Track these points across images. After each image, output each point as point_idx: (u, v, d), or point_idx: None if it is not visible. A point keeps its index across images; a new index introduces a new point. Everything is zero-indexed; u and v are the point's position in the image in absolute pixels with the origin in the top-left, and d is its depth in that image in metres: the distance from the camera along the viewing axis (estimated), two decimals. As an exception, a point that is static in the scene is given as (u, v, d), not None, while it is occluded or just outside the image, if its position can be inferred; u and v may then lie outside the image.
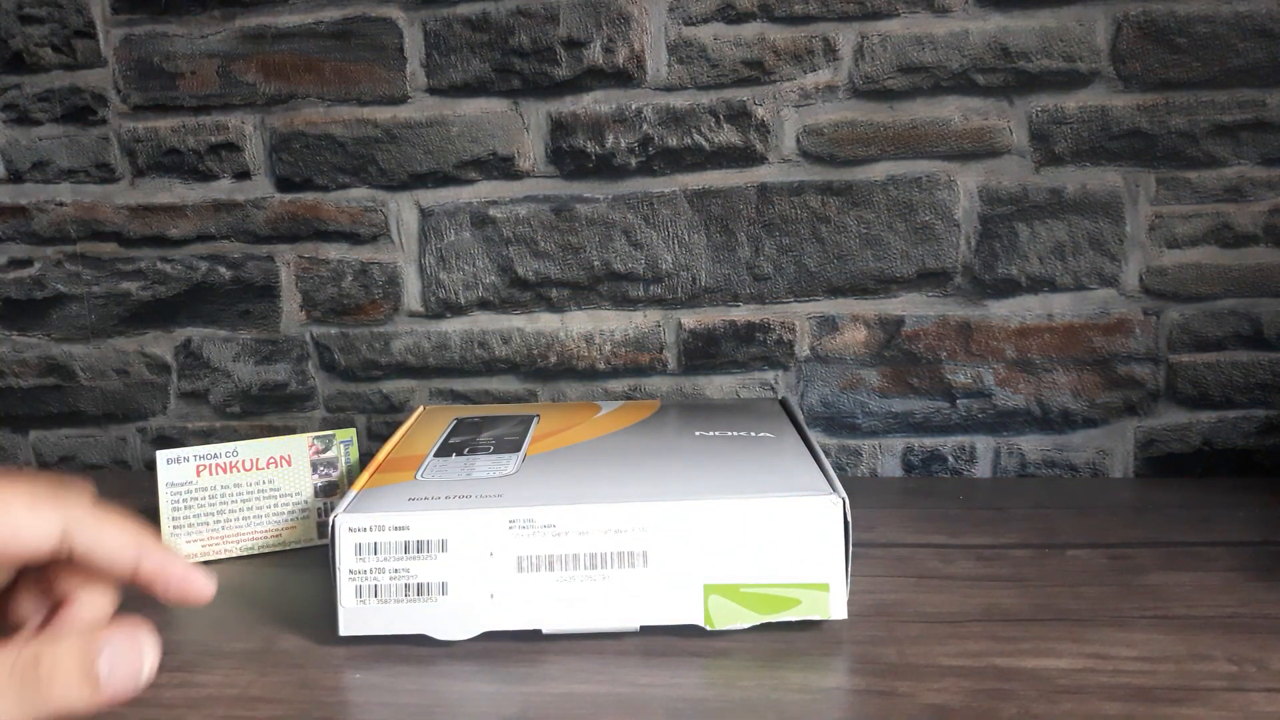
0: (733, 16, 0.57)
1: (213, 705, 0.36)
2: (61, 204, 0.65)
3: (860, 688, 0.36)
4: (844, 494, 0.40)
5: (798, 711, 0.34)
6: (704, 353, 0.62)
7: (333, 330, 0.64)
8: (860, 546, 0.49)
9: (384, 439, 0.65)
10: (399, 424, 0.64)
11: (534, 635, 0.40)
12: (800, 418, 0.52)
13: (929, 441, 0.61)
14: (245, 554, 0.50)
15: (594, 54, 0.59)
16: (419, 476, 0.44)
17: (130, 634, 0.27)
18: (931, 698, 0.35)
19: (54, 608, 0.30)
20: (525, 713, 0.35)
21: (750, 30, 0.57)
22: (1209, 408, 0.59)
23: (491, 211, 0.61)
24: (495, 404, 0.62)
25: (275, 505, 0.50)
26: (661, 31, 0.58)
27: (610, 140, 0.60)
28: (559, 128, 0.60)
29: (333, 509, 0.41)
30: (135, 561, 0.30)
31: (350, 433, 0.52)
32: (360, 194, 0.63)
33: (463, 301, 0.63)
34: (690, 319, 0.61)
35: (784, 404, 0.55)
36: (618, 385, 0.63)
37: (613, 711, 0.35)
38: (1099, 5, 0.55)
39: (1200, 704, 0.34)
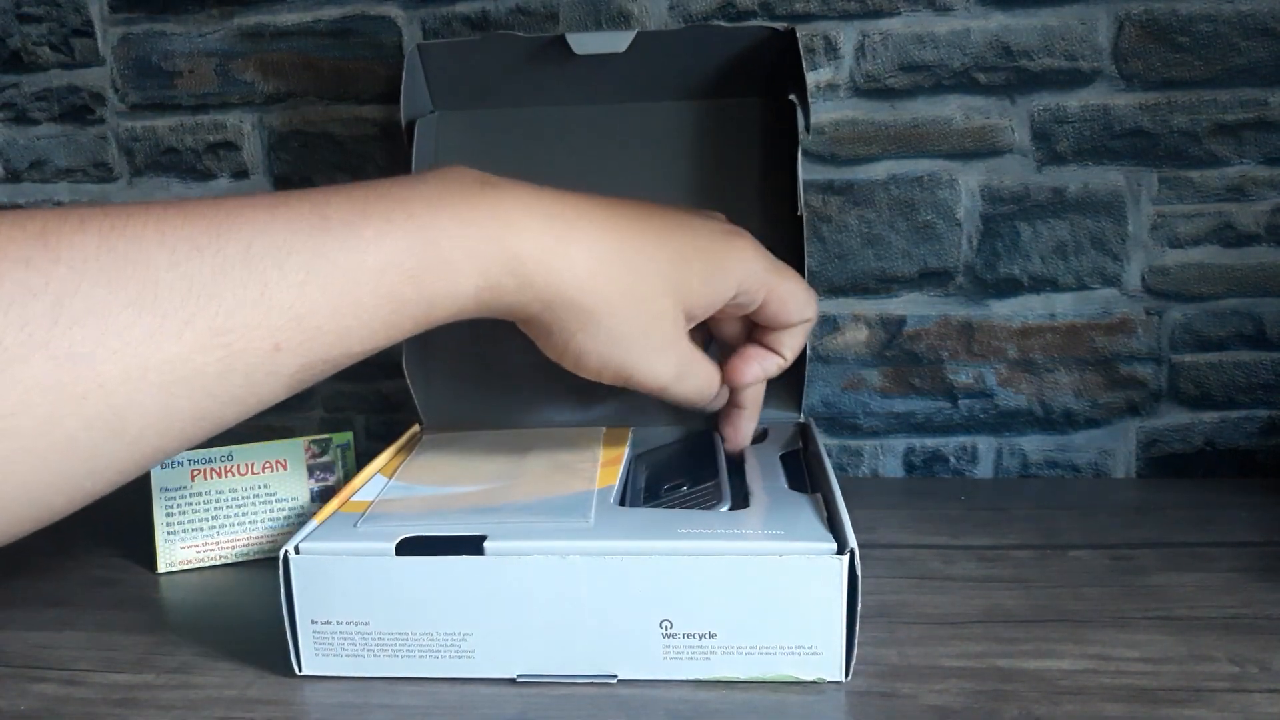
0: (733, 15, 0.57)
1: (211, 707, 0.36)
2: (59, 203, 0.65)
3: (861, 689, 0.36)
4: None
5: (800, 712, 0.34)
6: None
7: (332, 330, 0.64)
8: (862, 547, 0.48)
9: (382, 440, 0.64)
10: (394, 423, 0.64)
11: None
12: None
13: (930, 442, 0.61)
14: (241, 560, 0.49)
15: (594, 53, 0.58)
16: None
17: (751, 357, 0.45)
18: (933, 699, 0.35)
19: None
20: (525, 713, 0.35)
21: (751, 29, 0.57)
22: (1211, 408, 0.59)
23: (491, 211, 0.61)
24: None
25: (271, 510, 0.50)
26: (662, 29, 0.58)
27: (610, 139, 0.59)
28: (559, 127, 0.60)
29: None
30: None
31: (347, 436, 0.51)
32: (359, 193, 0.62)
33: (462, 301, 0.62)
34: (690, 319, 0.61)
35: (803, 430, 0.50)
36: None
37: (613, 711, 0.35)
38: (1101, 4, 0.55)
39: (1202, 705, 0.34)
